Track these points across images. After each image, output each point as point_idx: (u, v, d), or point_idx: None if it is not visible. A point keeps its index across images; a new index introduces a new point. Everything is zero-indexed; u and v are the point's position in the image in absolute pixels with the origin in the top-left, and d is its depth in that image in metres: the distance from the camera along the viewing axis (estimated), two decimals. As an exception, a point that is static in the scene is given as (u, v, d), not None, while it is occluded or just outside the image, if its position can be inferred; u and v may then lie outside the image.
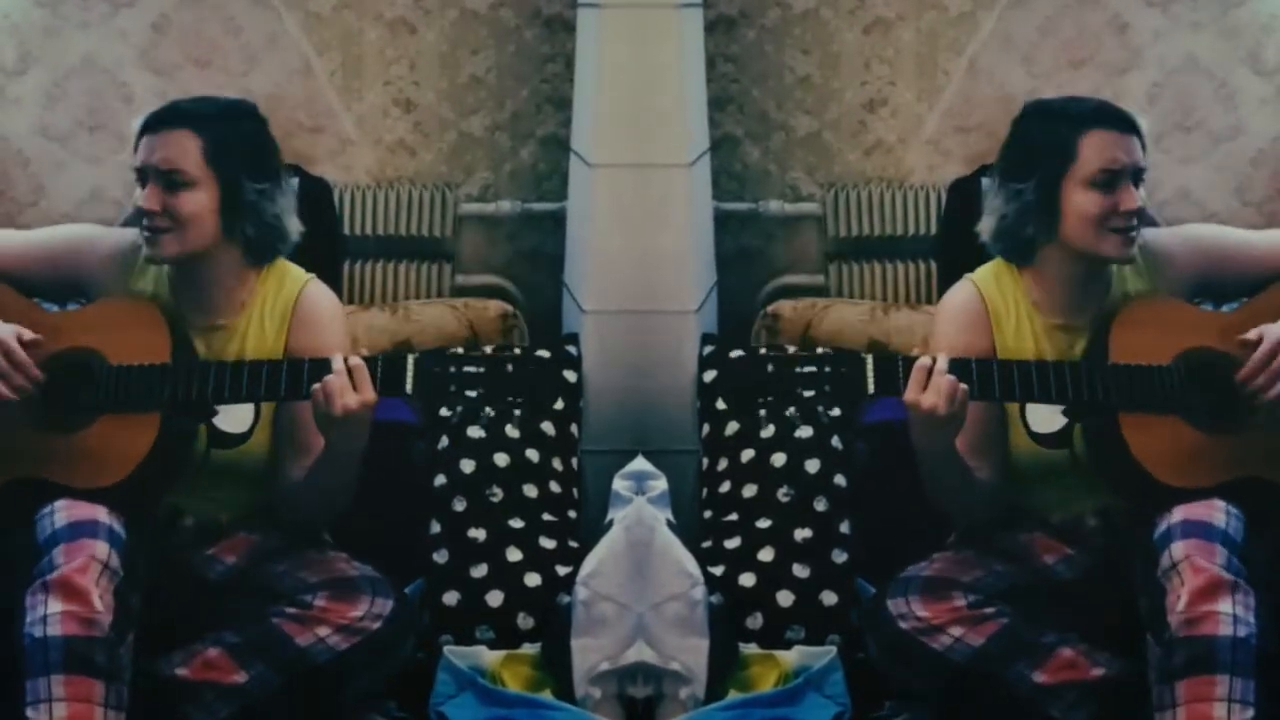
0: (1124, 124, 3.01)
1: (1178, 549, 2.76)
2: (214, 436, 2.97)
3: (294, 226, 3.08)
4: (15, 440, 2.92)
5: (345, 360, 2.84)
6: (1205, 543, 2.76)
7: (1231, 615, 2.70)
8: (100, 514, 2.82)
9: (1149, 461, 2.87)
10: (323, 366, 2.85)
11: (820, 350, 2.84)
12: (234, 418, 2.98)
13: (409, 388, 2.81)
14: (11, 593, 2.79)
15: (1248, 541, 2.83)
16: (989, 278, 3.07)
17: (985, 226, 3.07)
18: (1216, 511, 2.83)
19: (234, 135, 3.03)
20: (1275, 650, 2.74)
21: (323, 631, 2.82)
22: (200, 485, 3.01)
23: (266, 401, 2.96)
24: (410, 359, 2.82)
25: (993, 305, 3.04)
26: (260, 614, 2.87)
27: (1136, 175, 2.99)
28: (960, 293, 3.08)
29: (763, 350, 2.83)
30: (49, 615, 2.69)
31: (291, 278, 3.08)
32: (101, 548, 2.75)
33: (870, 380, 2.81)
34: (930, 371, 2.82)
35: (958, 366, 2.84)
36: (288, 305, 3.05)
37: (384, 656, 2.89)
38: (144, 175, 3.00)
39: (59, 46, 4.15)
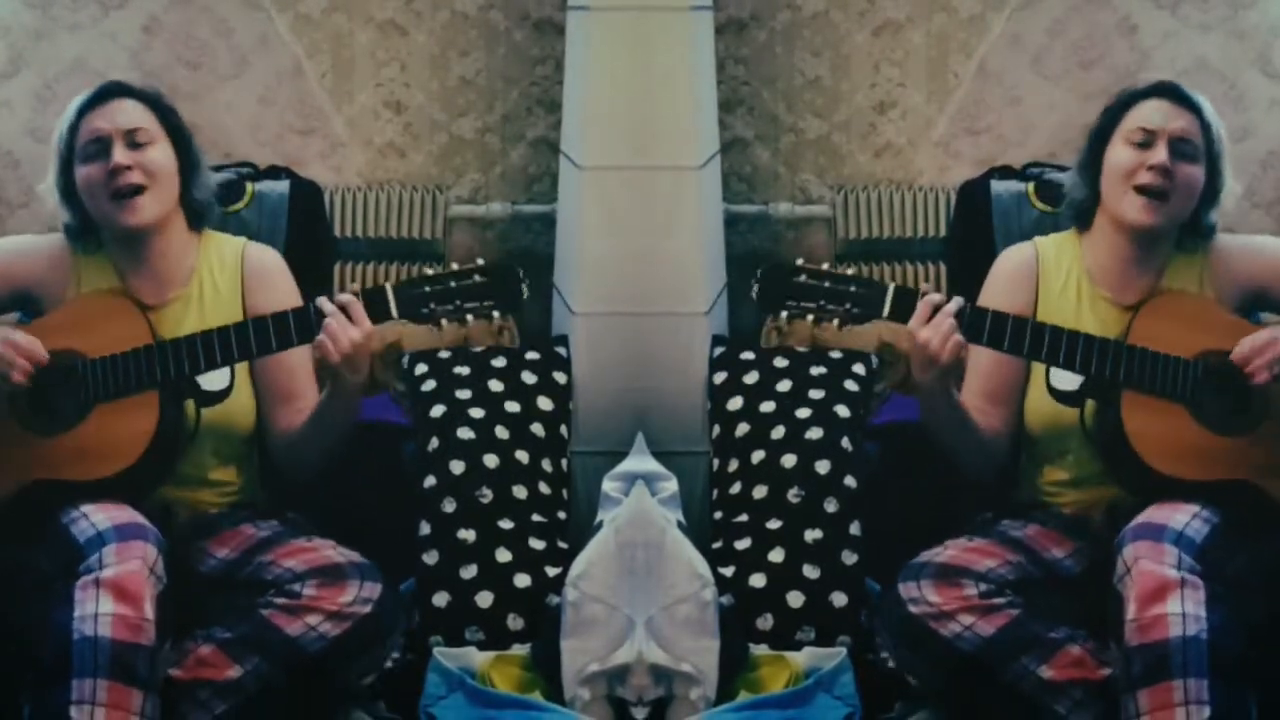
0: (1179, 97, 3.17)
1: (1128, 553, 2.88)
2: (199, 397, 3.07)
3: (215, 200, 3.25)
4: (13, 449, 3.02)
5: (333, 299, 2.97)
6: (1155, 544, 2.87)
7: (1181, 614, 2.80)
8: (139, 517, 2.92)
9: (1140, 444, 3.00)
10: (304, 313, 2.98)
11: (850, 271, 3.01)
12: (212, 374, 3.08)
13: (395, 313, 2.98)
14: (33, 595, 2.89)
15: (1220, 544, 2.92)
16: (1050, 242, 3.24)
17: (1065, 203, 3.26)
18: (1179, 513, 2.94)
19: (166, 104, 3.19)
20: (1239, 649, 2.83)
21: (312, 619, 2.90)
22: (192, 465, 3.12)
23: (261, 357, 3.06)
24: (389, 287, 2.98)
25: (1045, 266, 3.20)
26: (249, 606, 2.94)
27: (1179, 145, 3.11)
28: (1018, 251, 3.26)
29: (798, 262, 3.05)
30: (100, 615, 2.79)
31: (229, 242, 3.23)
32: (151, 552, 2.87)
33: (887, 305, 2.97)
34: (937, 308, 2.97)
35: (975, 313, 2.99)
36: (235, 266, 3.19)
37: (376, 642, 2.97)
38: (100, 145, 3.09)
39: (49, 49, 4.26)
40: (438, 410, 3.54)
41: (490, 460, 3.48)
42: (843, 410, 3.55)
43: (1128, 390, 3.03)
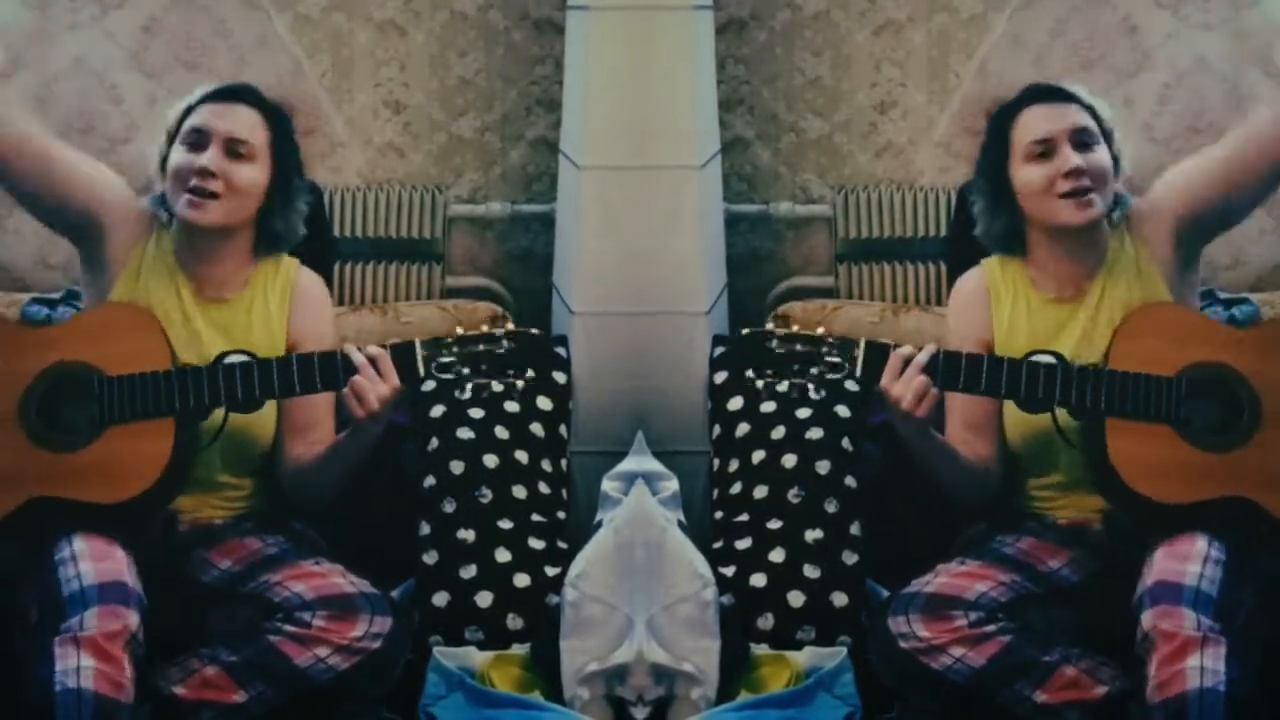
0: (1054, 95, 3.20)
1: (1147, 619, 2.86)
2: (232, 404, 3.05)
3: (301, 230, 3.25)
4: (19, 461, 2.99)
5: (362, 351, 2.98)
6: (1173, 607, 2.85)
7: (1199, 668, 2.80)
8: (125, 572, 2.90)
9: (1125, 469, 2.98)
10: (331, 360, 2.99)
11: (820, 331, 3.02)
12: None
13: (422, 372, 2.99)
14: (16, 637, 2.92)
15: (1232, 585, 2.91)
16: (997, 262, 3.24)
17: (979, 231, 3.25)
18: (1190, 563, 2.91)
19: (290, 130, 3.24)
20: (1252, 692, 2.85)
21: (322, 652, 2.92)
22: (202, 470, 3.11)
23: (282, 398, 3.09)
24: (419, 345, 2.99)
25: (994, 287, 3.21)
26: (256, 629, 2.96)
27: (1078, 138, 3.13)
28: (970, 278, 3.26)
29: (769, 326, 3.01)
30: (82, 668, 2.78)
31: (284, 261, 3.24)
32: (133, 619, 2.84)
33: (859, 365, 2.99)
34: (907, 362, 2.98)
35: (949, 359, 2.99)
36: (286, 285, 3.21)
37: (383, 674, 2.99)
38: (201, 138, 3.13)
39: (48, 49, 4.24)
40: (437, 410, 3.55)
41: (490, 460, 3.49)
42: (843, 410, 3.56)
43: (1111, 418, 3.01)
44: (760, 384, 3.03)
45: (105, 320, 3.11)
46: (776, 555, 3.43)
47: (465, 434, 3.50)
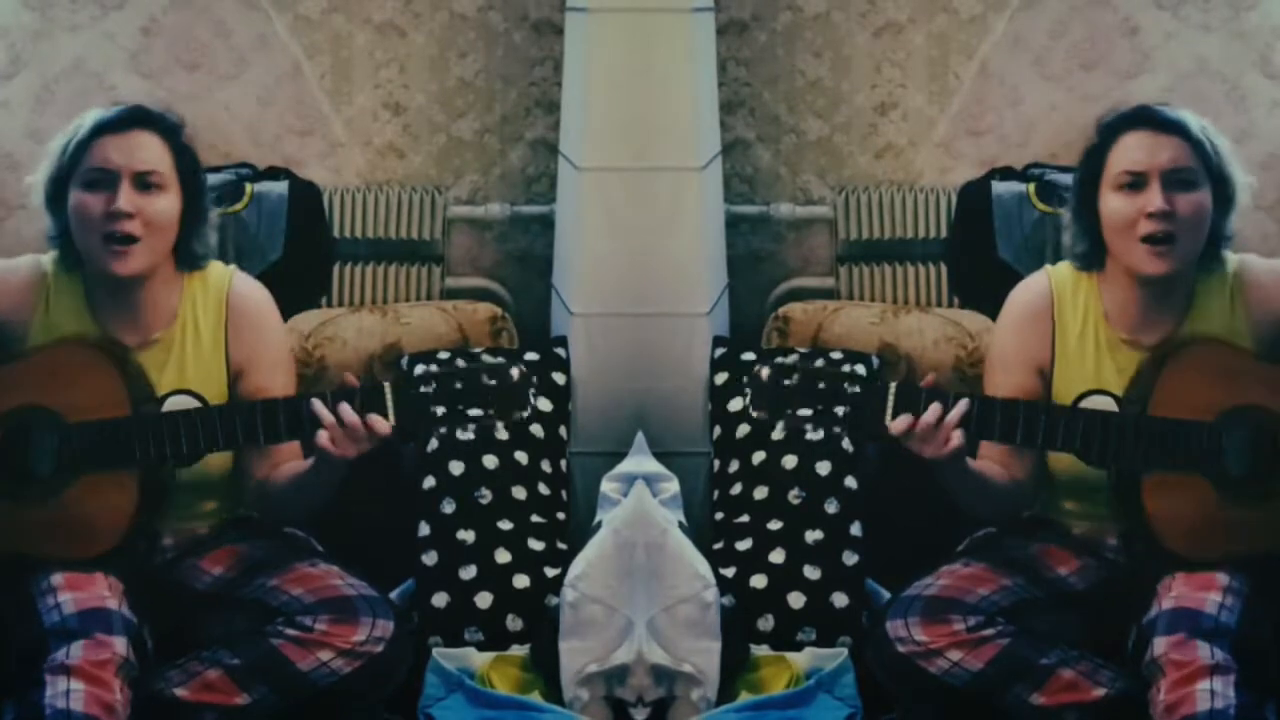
0: (1158, 124, 2.99)
1: (1160, 644, 2.81)
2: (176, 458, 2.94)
3: (213, 241, 3.10)
4: None
5: (329, 405, 2.86)
6: (1187, 637, 2.80)
7: (1210, 691, 2.75)
8: (107, 596, 2.85)
9: (1161, 526, 2.91)
10: (295, 406, 2.88)
11: (847, 368, 2.93)
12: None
13: (391, 418, 2.87)
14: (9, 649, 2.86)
15: (1250, 617, 2.85)
16: (1066, 274, 3.09)
17: (1064, 246, 3.12)
18: (1212, 592, 2.85)
19: (187, 146, 3.05)
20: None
21: (325, 655, 2.89)
22: (172, 506, 3.03)
23: (246, 447, 2.97)
24: (388, 390, 2.87)
25: (1060, 305, 3.07)
26: (258, 633, 2.93)
27: (1173, 176, 2.96)
28: (1032, 289, 3.12)
29: (791, 359, 2.93)
30: (72, 690, 2.74)
31: (214, 275, 3.08)
32: (120, 644, 2.81)
33: (889, 409, 2.86)
34: (938, 423, 2.85)
35: (983, 406, 2.87)
36: (219, 306, 3.06)
37: (386, 677, 2.96)
38: (107, 177, 2.95)
39: (48, 49, 4.26)
40: (438, 410, 3.50)
41: (489, 461, 3.49)
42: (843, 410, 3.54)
43: (1149, 475, 2.93)
44: (781, 423, 2.96)
45: (61, 359, 2.97)
46: (777, 556, 3.42)
47: (465, 435, 3.47)
